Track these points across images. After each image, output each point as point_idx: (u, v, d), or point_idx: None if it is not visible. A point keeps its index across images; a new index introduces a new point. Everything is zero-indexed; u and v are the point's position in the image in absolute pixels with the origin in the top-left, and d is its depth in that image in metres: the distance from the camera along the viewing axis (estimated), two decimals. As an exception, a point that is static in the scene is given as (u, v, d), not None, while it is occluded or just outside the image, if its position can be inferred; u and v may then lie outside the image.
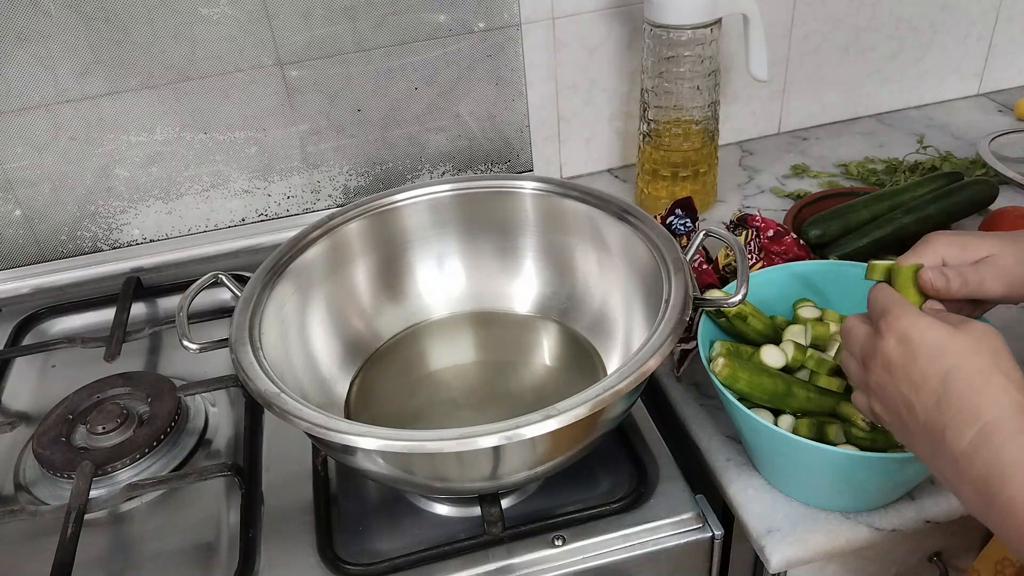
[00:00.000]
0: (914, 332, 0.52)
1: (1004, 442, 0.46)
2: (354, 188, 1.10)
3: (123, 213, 1.04)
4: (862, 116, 1.27)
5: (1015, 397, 0.48)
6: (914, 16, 1.18)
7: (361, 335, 0.82)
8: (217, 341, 0.69)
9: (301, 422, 0.58)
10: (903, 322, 0.53)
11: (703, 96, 0.98)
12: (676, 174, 1.03)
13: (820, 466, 0.63)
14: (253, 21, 0.95)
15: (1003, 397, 0.48)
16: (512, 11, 1.02)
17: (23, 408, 0.88)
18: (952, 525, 0.70)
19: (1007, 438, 0.46)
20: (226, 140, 1.02)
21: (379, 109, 1.05)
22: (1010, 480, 0.46)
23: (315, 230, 0.79)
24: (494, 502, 0.66)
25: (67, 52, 0.92)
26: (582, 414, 0.56)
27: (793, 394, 0.67)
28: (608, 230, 0.78)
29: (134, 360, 0.91)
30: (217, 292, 0.94)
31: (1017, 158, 1.10)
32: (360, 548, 0.67)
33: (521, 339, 0.83)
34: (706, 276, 0.83)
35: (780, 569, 0.66)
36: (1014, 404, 0.48)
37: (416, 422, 0.75)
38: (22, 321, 0.97)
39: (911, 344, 0.52)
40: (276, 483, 0.74)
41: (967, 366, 0.50)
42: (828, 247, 0.92)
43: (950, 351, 0.51)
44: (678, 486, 0.70)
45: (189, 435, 0.80)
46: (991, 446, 0.47)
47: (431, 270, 0.86)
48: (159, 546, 0.70)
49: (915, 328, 0.52)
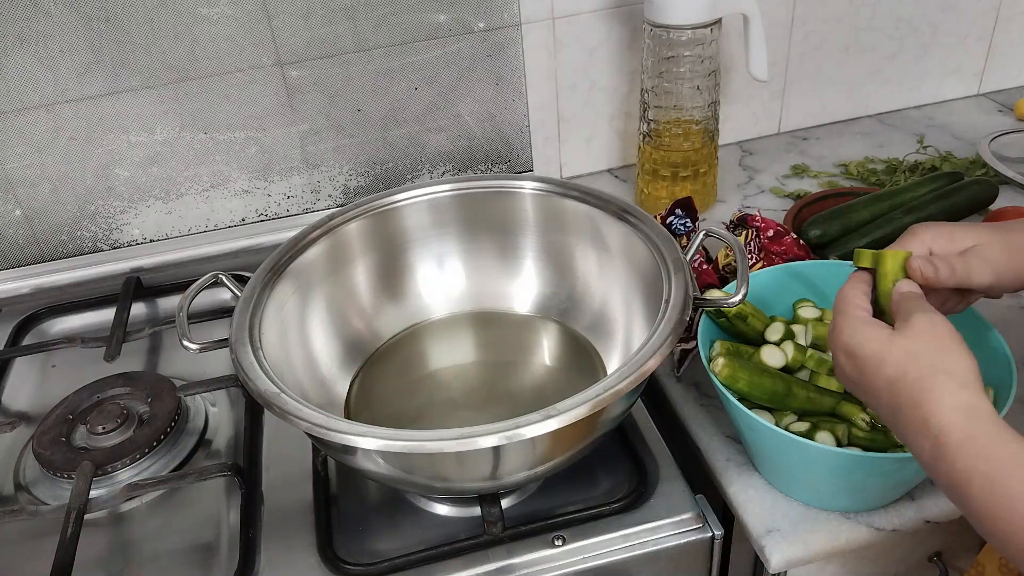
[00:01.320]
0: (854, 345, 0.53)
1: (955, 455, 0.46)
2: (354, 188, 1.10)
3: (123, 213, 1.04)
4: (862, 116, 1.27)
5: (958, 398, 0.48)
6: (914, 16, 1.18)
7: (361, 335, 0.82)
8: (217, 341, 0.70)
9: (301, 422, 0.58)
10: (845, 336, 0.54)
11: (703, 96, 0.98)
12: (676, 174, 1.03)
13: (820, 466, 0.63)
14: (253, 21, 0.95)
15: (945, 401, 0.48)
16: (512, 11, 1.02)
17: (23, 408, 0.88)
18: (952, 525, 0.70)
19: (956, 450, 0.46)
20: (226, 140, 1.02)
21: (379, 109, 1.05)
22: (967, 492, 0.46)
23: (315, 230, 0.79)
24: (494, 502, 0.66)
25: (67, 52, 0.92)
26: (582, 414, 0.56)
27: (793, 394, 0.67)
28: (608, 230, 0.78)
29: (134, 360, 0.91)
30: (217, 292, 0.94)
31: (1017, 158, 1.10)
32: (360, 548, 0.67)
33: (521, 339, 0.83)
34: (706, 276, 0.83)
35: (780, 569, 0.66)
36: (957, 407, 0.47)
37: (416, 422, 0.75)
38: (22, 321, 0.97)
39: (856, 359, 0.53)
40: (276, 483, 0.74)
41: (908, 374, 0.50)
42: (828, 247, 0.92)
43: (890, 360, 0.51)
44: (678, 486, 0.69)
45: (189, 435, 0.80)
46: (946, 458, 0.47)
47: (431, 270, 0.86)
48: (159, 546, 0.70)
49: (854, 341, 0.53)
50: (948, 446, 0.46)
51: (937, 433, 0.47)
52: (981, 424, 0.47)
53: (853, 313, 0.55)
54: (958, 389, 0.48)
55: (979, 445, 0.46)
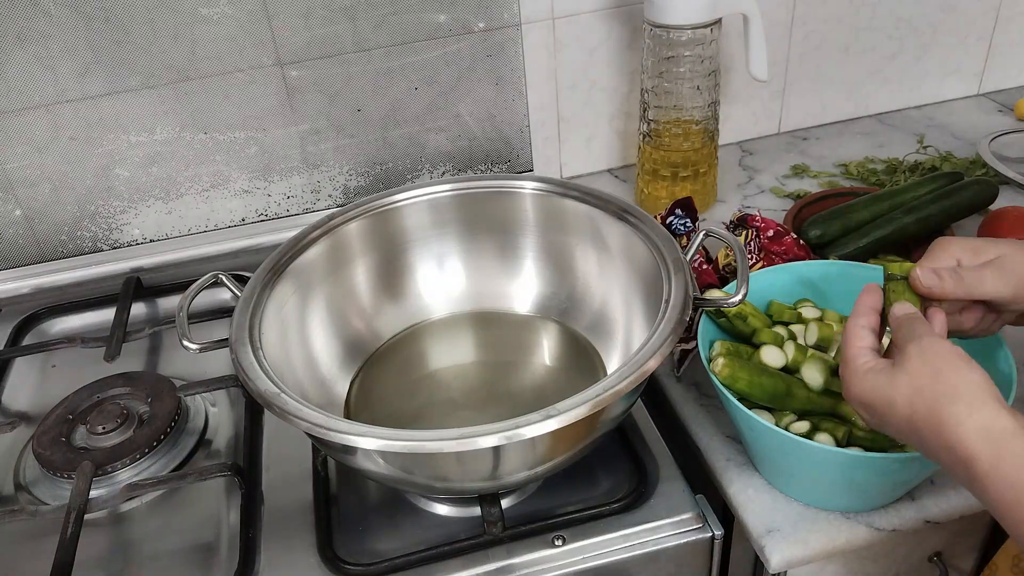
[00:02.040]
0: (864, 396, 0.53)
1: (985, 482, 0.46)
2: (354, 188, 1.10)
3: (123, 213, 1.04)
4: (862, 116, 1.27)
5: (974, 422, 0.47)
6: (914, 16, 1.18)
7: (361, 335, 0.82)
8: (217, 341, 0.69)
9: (301, 422, 0.58)
10: (854, 390, 0.54)
11: (703, 96, 0.98)
12: (676, 174, 1.03)
13: (820, 466, 0.63)
14: (253, 21, 0.95)
15: (962, 429, 0.47)
16: (512, 11, 1.02)
17: (23, 408, 0.88)
18: (952, 525, 0.70)
19: (985, 478, 0.46)
20: (226, 140, 1.02)
21: (379, 109, 1.05)
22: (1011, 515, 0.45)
23: (315, 230, 0.79)
24: (494, 502, 0.66)
25: (67, 52, 0.92)
26: (582, 414, 0.56)
27: (793, 394, 0.67)
28: (608, 230, 0.78)
29: (134, 360, 0.91)
30: (217, 292, 0.94)
31: (1017, 158, 1.10)
32: (360, 548, 0.67)
33: (521, 339, 0.83)
34: (706, 276, 0.83)
35: (780, 569, 0.66)
36: (977, 432, 0.47)
37: (416, 422, 0.75)
38: (22, 321, 0.97)
39: (869, 407, 0.53)
40: (276, 483, 0.74)
41: (919, 410, 0.50)
42: (828, 247, 0.92)
43: (899, 401, 0.51)
44: (678, 486, 0.69)
45: (189, 435, 0.80)
46: (979, 485, 0.47)
47: (431, 270, 0.86)
48: (159, 546, 0.70)
49: (862, 392, 0.53)
50: (978, 474, 0.46)
51: (966, 462, 0.47)
52: (1006, 444, 0.46)
53: (854, 364, 0.55)
54: (970, 413, 0.48)
55: (1010, 467, 0.45)
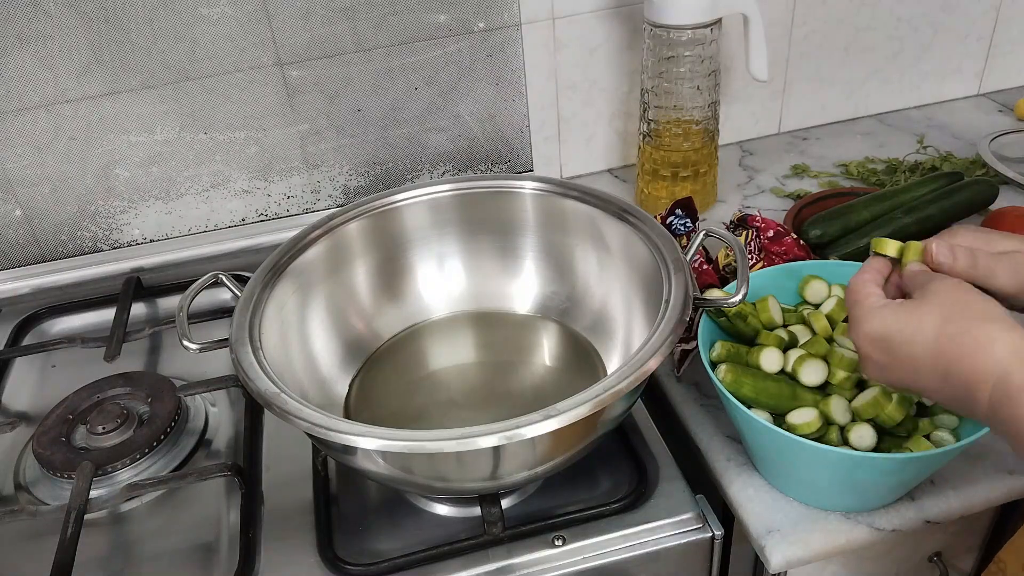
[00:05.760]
0: (877, 328, 0.52)
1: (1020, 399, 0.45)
2: (354, 188, 1.10)
3: (123, 213, 1.04)
4: (862, 116, 1.27)
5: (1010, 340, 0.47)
6: (914, 16, 1.18)
7: (361, 335, 0.82)
8: (217, 341, 0.70)
9: (301, 422, 0.58)
10: (864, 325, 0.53)
11: (703, 96, 0.98)
12: (676, 174, 1.03)
13: (820, 466, 0.63)
14: (253, 21, 0.95)
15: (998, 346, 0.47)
16: (512, 11, 1.02)
17: (23, 408, 0.88)
18: (952, 525, 0.70)
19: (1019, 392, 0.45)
20: (226, 140, 1.02)
21: (379, 109, 1.05)
22: None
23: (315, 230, 0.79)
24: (494, 502, 0.66)
25: (67, 52, 0.92)
26: (582, 414, 0.56)
27: (799, 397, 0.67)
28: (608, 230, 0.78)
29: (134, 360, 0.91)
30: (217, 292, 0.94)
31: (1017, 158, 1.10)
32: (360, 548, 0.67)
33: (521, 339, 0.83)
34: (706, 276, 0.83)
35: (780, 569, 0.66)
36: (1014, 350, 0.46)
37: (416, 422, 0.75)
38: (22, 321, 0.97)
39: (882, 341, 0.52)
40: (276, 483, 0.74)
41: (946, 331, 0.49)
42: (828, 247, 0.92)
43: (922, 328, 0.50)
44: (678, 486, 0.70)
45: (189, 435, 0.80)
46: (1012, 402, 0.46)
47: (431, 270, 0.86)
48: (159, 546, 0.70)
49: (876, 324, 0.52)
50: (1011, 390, 0.46)
51: (997, 380, 0.46)
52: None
53: (866, 301, 0.54)
54: (1005, 332, 0.47)
55: None
